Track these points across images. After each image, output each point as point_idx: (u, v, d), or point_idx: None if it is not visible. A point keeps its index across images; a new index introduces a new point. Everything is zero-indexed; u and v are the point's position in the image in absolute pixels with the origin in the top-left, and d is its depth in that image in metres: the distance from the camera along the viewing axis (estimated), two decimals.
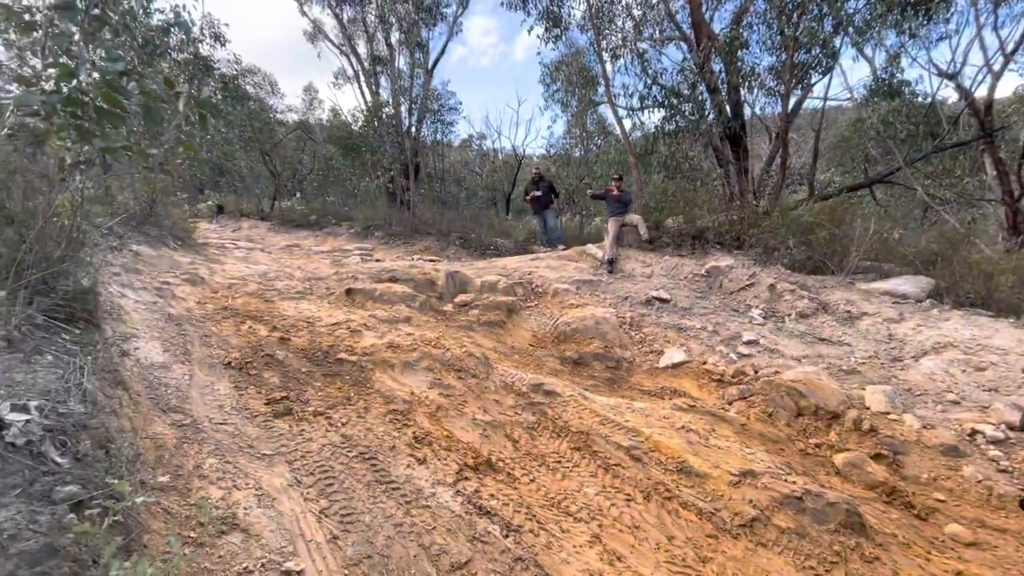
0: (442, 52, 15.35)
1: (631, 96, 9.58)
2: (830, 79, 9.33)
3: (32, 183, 2.38)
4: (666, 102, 9.30)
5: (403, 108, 15.24)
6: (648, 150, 10.48)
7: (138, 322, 3.43)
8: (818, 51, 8.02)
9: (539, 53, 15.26)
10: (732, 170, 9.29)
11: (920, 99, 10.17)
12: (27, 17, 1.78)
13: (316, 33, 16.63)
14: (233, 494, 2.00)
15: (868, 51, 10.14)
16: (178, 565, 1.30)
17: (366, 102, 16.09)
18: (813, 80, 9.19)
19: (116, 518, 1.01)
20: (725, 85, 8.86)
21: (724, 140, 9.24)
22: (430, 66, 15.27)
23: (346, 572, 1.73)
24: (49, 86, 1.94)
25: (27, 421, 1.29)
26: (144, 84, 2.06)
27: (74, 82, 1.85)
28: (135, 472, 1.38)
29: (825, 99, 10.20)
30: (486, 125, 26.45)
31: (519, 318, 5.66)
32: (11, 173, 2.22)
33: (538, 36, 10.42)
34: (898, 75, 10.39)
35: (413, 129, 15.38)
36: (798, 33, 7.70)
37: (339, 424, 2.69)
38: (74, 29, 2.07)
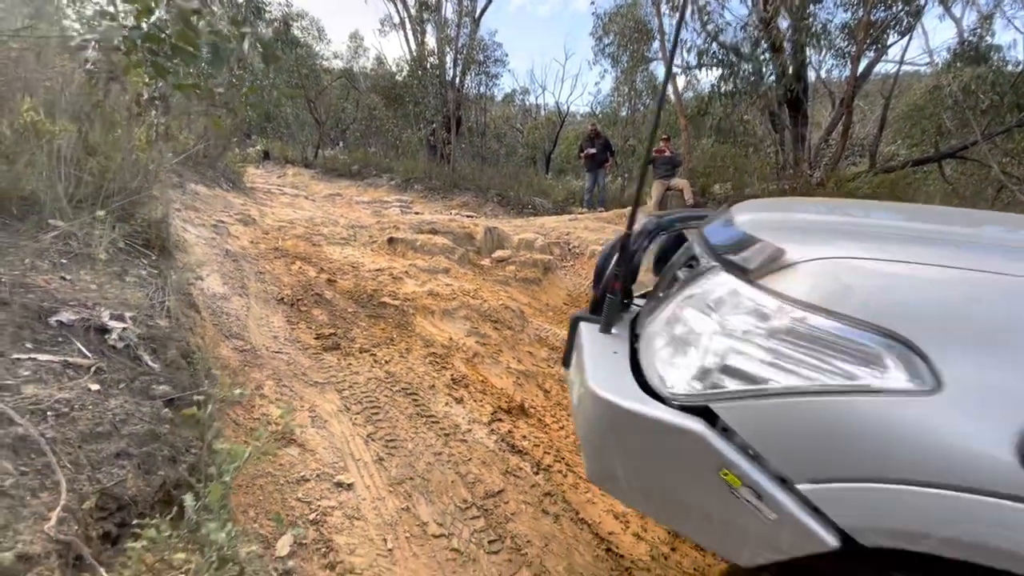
0: (490, 0, 14.85)
1: (688, 52, 9.11)
2: (909, 40, 8.59)
3: (109, 116, 2.53)
4: (725, 60, 8.81)
5: (448, 58, 14.96)
6: (701, 111, 10.03)
7: (200, 255, 3.66)
8: (900, 7, 7.36)
9: (593, 2, 14.57)
10: (788, 137, 8.83)
11: (1010, 67, 9.26)
12: None
13: None
14: (289, 414, 2.19)
15: (956, 10, 9.23)
16: (250, 455, 1.46)
17: (411, 51, 15.86)
18: (889, 41, 8.49)
19: (217, 407, 1.15)
20: (790, 44, 8.30)
21: (782, 104, 8.74)
22: (477, 15, 14.84)
23: (391, 489, 1.90)
24: (130, 22, 2.04)
25: (124, 329, 1.45)
26: (213, 23, 2.13)
27: (152, 18, 1.93)
28: (213, 383, 1.55)
29: (901, 63, 9.43)
30: (530, 79, 25.70)
31: (555, 276, 5.70)
32: (94, 106, 2.36)
33: None
34: (988, 38, 9.45)
35: (457, 81, 15.13)
36: None
37: (383, 361, 2.86)
38: None
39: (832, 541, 0.73)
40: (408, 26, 15.81)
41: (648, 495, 1.00)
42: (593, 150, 9.29)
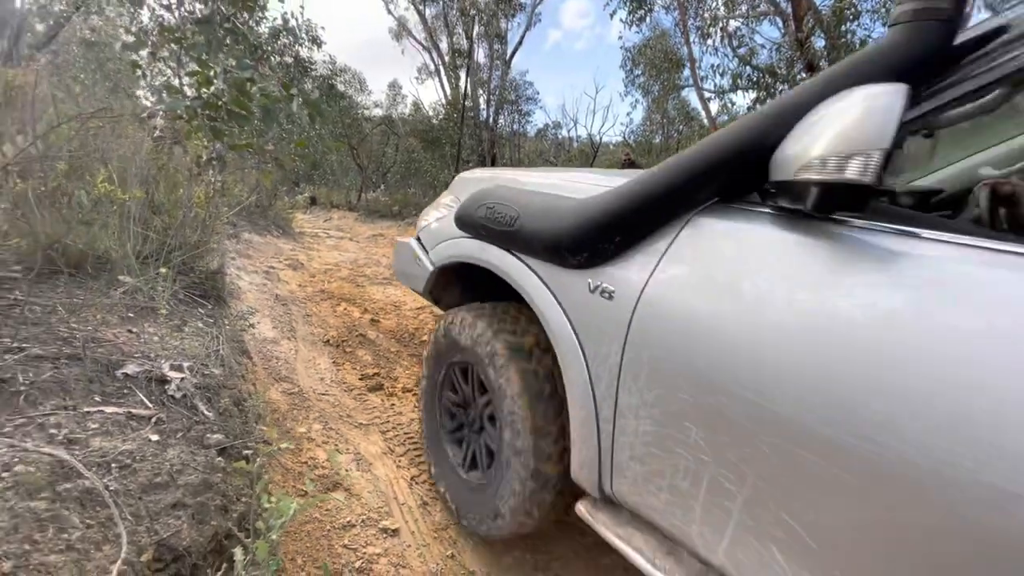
0: (520, 43, 15.43)
1: (722, 76, 9.07)
2: None
3: (172, 178, 2.74)
4: (760, 81, 8.71)
5: (481, 100, 15.53)
6: None
7: (252, 301, 3.85)
8: None
9: (620, 37, 14.88)
10: None
11: None
12: (177, 34, 2.07)
13: (400, 31, 17.37)
14: (336, 457, 2.22)
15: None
16: (296, 511, 1.47)
17: (446, 95, 16.58)
18: None
19: (263, 459, 1.18)
20: (828, 62, 8.13)
21: None
22: (508, 57, 15.41)
23: (435, 535, 1.87)
24: (191, 92, 2.23)
25: (182, 379, 1.53)
26: (266, 88, 2.29)
27: (212, 88, 2.10)
28: (262, 429, 1.59)
29: None
30: (562, 114, 26.20)
31: None
32: (159, 169, 2.57)
33: (621, 19, 10.15)
34: None
35: (491, 120, 15.63)
36: None
37: None
38: (208, 40, 2.35)
39: (431, 266, 1.88)
40: (443, 72, 16.62)
41: (403, 274, 2.19)
42: None
